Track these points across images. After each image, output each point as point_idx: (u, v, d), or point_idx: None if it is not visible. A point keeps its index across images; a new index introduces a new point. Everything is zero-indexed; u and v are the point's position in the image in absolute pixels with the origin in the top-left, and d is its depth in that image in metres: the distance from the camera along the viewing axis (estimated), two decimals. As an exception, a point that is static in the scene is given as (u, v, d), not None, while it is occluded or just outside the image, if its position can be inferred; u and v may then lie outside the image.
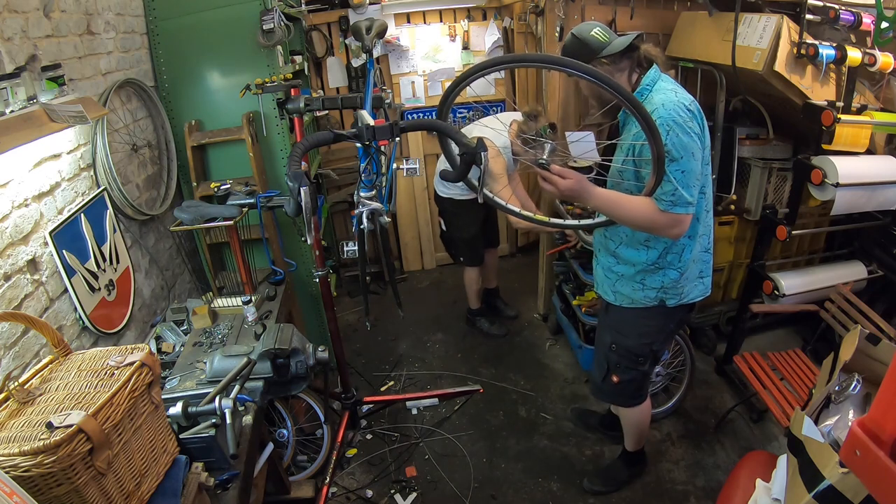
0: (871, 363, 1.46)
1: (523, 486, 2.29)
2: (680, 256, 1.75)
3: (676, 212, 1.55)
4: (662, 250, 1.74)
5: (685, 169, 1.53)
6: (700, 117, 1.61)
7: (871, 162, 2.17)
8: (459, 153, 1.52)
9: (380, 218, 1.82)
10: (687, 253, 1.75)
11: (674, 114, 1.54)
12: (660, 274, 1.78)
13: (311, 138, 1.56)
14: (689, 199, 1.55)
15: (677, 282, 1.78)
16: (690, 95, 1.64)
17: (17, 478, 0.89)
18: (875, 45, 2.07)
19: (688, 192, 1.54)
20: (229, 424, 1.39)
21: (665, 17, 2.78)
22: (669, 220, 1.57)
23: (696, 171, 1.56)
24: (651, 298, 1.82)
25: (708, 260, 1.84)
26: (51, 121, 1.47)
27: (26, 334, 1.41)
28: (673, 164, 1.52)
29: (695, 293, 1.83)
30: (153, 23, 2.28)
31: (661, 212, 1.56)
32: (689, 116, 1.56)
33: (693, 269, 1.79)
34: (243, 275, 2.17)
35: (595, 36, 1.62)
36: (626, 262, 1.81)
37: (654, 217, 1.57)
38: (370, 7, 3.41)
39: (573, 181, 1.56)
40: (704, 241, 1.79)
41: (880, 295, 2.44)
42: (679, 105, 1.56)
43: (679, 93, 1.62)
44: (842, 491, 1.02)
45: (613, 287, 1.88)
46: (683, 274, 1.77)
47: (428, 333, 3.36)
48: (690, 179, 1.54)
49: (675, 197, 1.54)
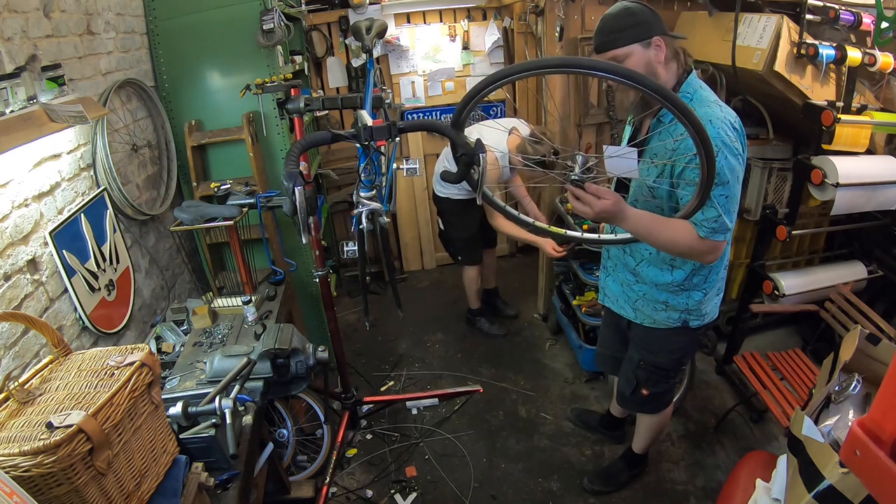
0: (871, 363, 1.46)
1: (523, 486, 2.29)
2: (707, 278, 1.68)
3: (717, 239, 1.45)
4: (690, 272, 1.65)
5: (729, 194, 1.42)
6: (743, 136, 1.48)
7: (871, 162, 2.17)
8: (459, 154, 1.52)
9: (379, 218, 1.82)
10: (714, 274, 1.68)
11: (722, 133, 1.41)
12: (684, 295, 1.69)
13: (308, 138, 1.56)
14: (730, 226, 1.46)
15: (701, 303, 1.70)
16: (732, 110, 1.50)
17: (17, 478, 0.89)
18: (875, 45, 2.07)
19: (729, 219, 1.44)
20: (229, 424, 1.39)
21: (665, 17, 2.75)
22: (708, 247, 1.47)
23: (738, 196, 1.46)
24: (675, 320, 1.74)
25: (724, 277, 1.77)
26: (51, 121, 1.47)
27: (26, 334, 1.41)
28: (718, 188, 1.40)
29: (714, 312, 1.77)
30: (153, 23, 2.28)
31: (701, 238, 1.45)
32: (735, 136, 1.44)
33: (718, 289, 1.74)
34: (243, 275, 2.17)
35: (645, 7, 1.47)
36: (647, 281, 1.72)
37: (693, 244, 1.46)
38: (370, 7, 3.41)
39: (611, 202, 1.37)
40: (726, 260, 1.71)
41: (880, 295, 2.44)
42: (726, 122, 1.43)
43: (723, 108, 1.49)
44: (842, 491, 1.02)
45: (634, 305, 1.81)
46: (707, 294, 1.70)
47: (428, 333, 3.36)
48: (733, 205, 1.44)
49: (718, 224, 1.43)
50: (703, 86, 1.54)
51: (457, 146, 1.55)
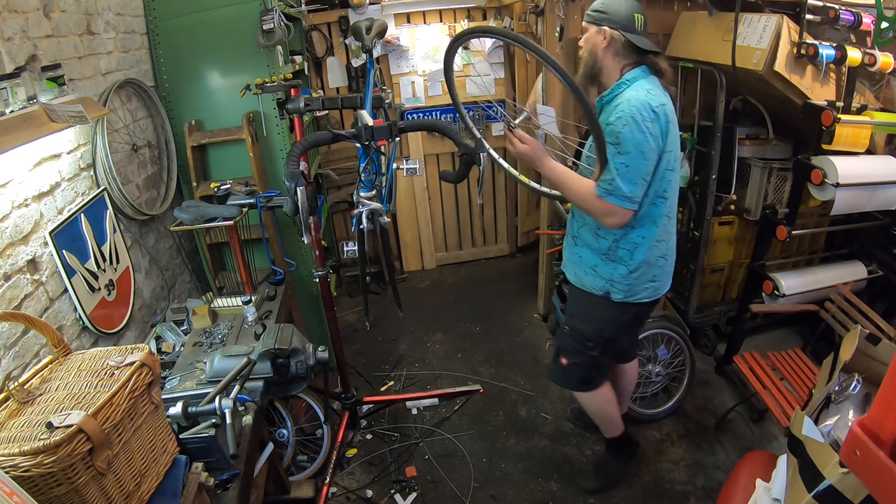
0: (871, 363, 1.46)
1: (523, 486, 2.29)
2: (631, 254, 1.78)
3: (610, 201, 1.62)
4: (612, 242, 1.79)
5: (630, 164, 1.60)
6: (665, 122, 1.63)
7: (871, 162, 2.17)
8: (459, 154, 1.52)
9: (380, 218, 1.83)
10: (639, 253, 1.78)
11: (635, 110, 1.59)
12: (610, 266, 1.82)
13: (309, 138, 1.57)
14: (627, 194, 1.61)
15: (625, 278, 1.81)
16: (668, 101, 1.67)
17: (17, 478, 0.89)
18: (875, 45, 2.07)
19: (626, 186, 1.60)
20: (229, 424, 1.39)
21: (665, 17, 2.78)
22: (604, 207, 1.64)
23: (643, 171, 1.62)
24: (598, 287, 1.86)
25: (664, 266, 1.85)
26: (51, 121, 1.47)
27: (26, 334, 1.41)
28: (620, 157, 1.60)
29: (643, 294, 1.85)
30: (153, 23, 2.28)
31: (597, 197, 1.64)
32: (651, 117, 1.60)
33: (646, 271, 1.81)
34: (243, 275, 2.17)
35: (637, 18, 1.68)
36: (584, 244, 1.88)
37: (591, 201, 1.67)
38: (370, 7, 3.41)
39: (530, 148, 1.72)
40: (662, 247, 1.81)
41: (880, 295, 2.44)
42: (644, 104, 1.60)
43: (653, 93, 1.64)
44: (842, 491, 1.02)
45: (573, 266, 1.94)
46: (633, 272, 1.80)
47: (428, 333, 3.36)
48: (633, 175, 1.60)
49: (612, 187, 1.61)
50: (647, 78, 1.70)
51: (458, 145, 1.55)
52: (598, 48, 1.72)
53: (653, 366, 2.53)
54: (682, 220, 2.90)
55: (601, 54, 1.73)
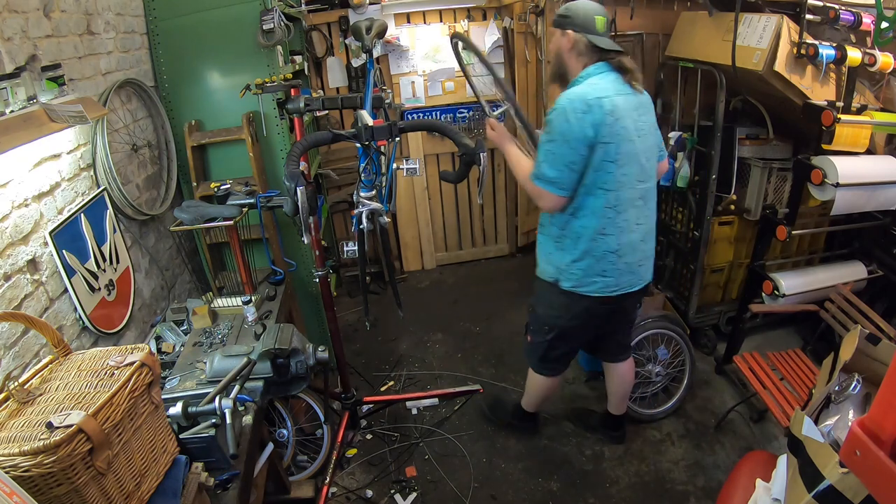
0: (871, 363, 1.46)
1: (523, 486, 2.28)
2: (575, 244, 1.86)
3: (537, 184, 1.77)
4: (559, 230, 1.89)
5: (555, 151, 1.72)
6: (601, 114, 1.69)
7: (871, 162, 2.17)
8: (459, 154, 1.52)
9: (380, 218, 1.83)
10: (581, 243, 1.84)
11: (568, 102, 1.71)
12: (559, 254, 1.91)
13: (309, 138, 1.57)
14: (550, 178, 1.73)
15: (569, 266, 1.89)
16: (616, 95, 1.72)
17: (17, 478, 0.89)
18: (875, 45, 2.07)
19: (549, 171, 1.73)
20: (229, 424, 1.39)
21: (665, 17, 2.78)
22: (534, 190, 1.79)
23: (566, 158, 1.72)
24: (549, 274, 1.97)
25: (616, 263, 1.86)
26: (51, 121, 1.47)
27: (26, 334, 1.41)
28: (547, 144, 1.73)
29: (591, 288, 1.89)
30: (153, 23, 2.28)
31: (528, 178, 1.80)
32: (582, 108, 1.69)
33: (592, 264, 1.86)
34: (243, 275, 2.17)
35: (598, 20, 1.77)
36: (543, 231, 1.99)
37: (526, 183, 1.82)
38: (370, 7, 3.41)
39: (497, 134, 1.98)
40: (611, 241, 1.83)
41: (880, 295, 2.44)
42: (579, 97, 1.70)
43: (598, 88, 1.72)
44: (842, 491, 1.02)
45: (537, 253, 2.06)
46: (577, 262, 1.87)
47: (428, 333, 3.36)
48: (556, 161, 1.72)
49: (539, 171, 1.75)
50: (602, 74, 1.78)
51: (458, 145, 1.56)
52: (563, 50, 1.82)
53: (653, 366, 2.53)
54: (682, 220, 2.90)
55: (566, 56, 1.83)
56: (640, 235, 1.88)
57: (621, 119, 1.73)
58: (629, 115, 1.76)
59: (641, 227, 1.88)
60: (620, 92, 1.75)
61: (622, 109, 1.73)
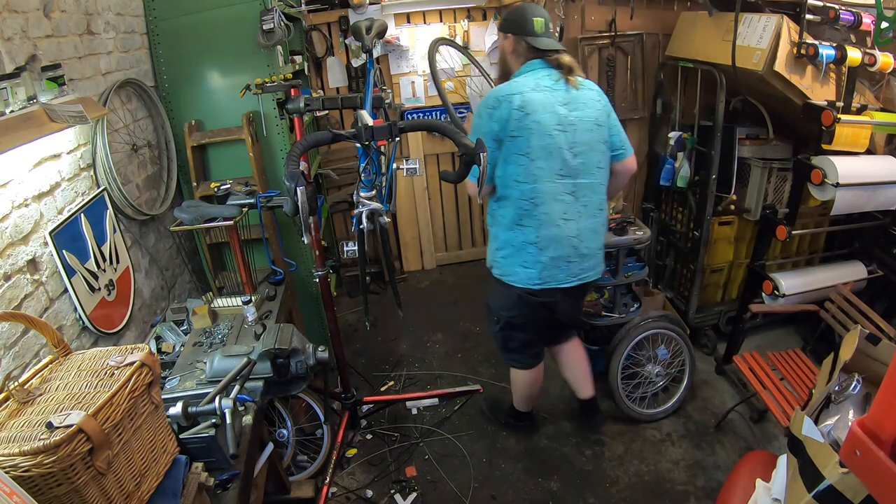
0: (871, 363, 1.46)
1: (523, 486, 2.28)
2: (498, 232, 1.99)
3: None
4: (491, 217, 2.01)
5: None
6: (508, 109, 1.80)
7: (871, 162, 2.17)
8: (459, 154, 1.52)
9: (380, 218, 1.82)
10: (503, 232, 1.97)
11: (484, 99, 1.88)
12: (490, 241, 2.06)
13: (309, 138, 1.56)
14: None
15: (495, 254, 2.03)
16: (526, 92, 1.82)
17: (17, 478, 0.89)
18: (875, 45, 2.07)
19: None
20: (229, 424, 1.39)
21: (665, 17, 2.78)
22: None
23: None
24: (490, 262, 2.08)
25: (537, 256, 1.92)
26: (51, 121, 1.47)
27: (26, 334, 1.41)
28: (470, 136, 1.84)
29: (515, 278, 1.98)
30: (153, 23, 2.28)
31: None
32: (493, 104, 1.83)
33: (512, 253, 1.96)
34: (243, 275, 2.17)
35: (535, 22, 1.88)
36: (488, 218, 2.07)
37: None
38: (370, 7, 3.41)
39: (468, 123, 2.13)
40: (530, 234, 1.90)
41: (880, 295, 2.43)
42: (493, 94, 1.86)
43: (516, 85, 1.85)
44: (842, 491, 1.02)
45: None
46: (499, 250, 2.00)
47: (428, 333, 3.36)
48: None
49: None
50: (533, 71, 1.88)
51: (458, 145, 1.55)
52: (507, 52, 1.97)
53: (653, 366, 2.53)
54: (682, 220, 2.90)
55: (509, 57, 1.96)
56: (570, 231, 1.90)
57: (534, 114, 1.79)
58: (549, 110, 1.81)
59: (571, 223, 1.89)
60: (542, 88, 1.83)
61: (537, 104, 1.79)
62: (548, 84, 1.84)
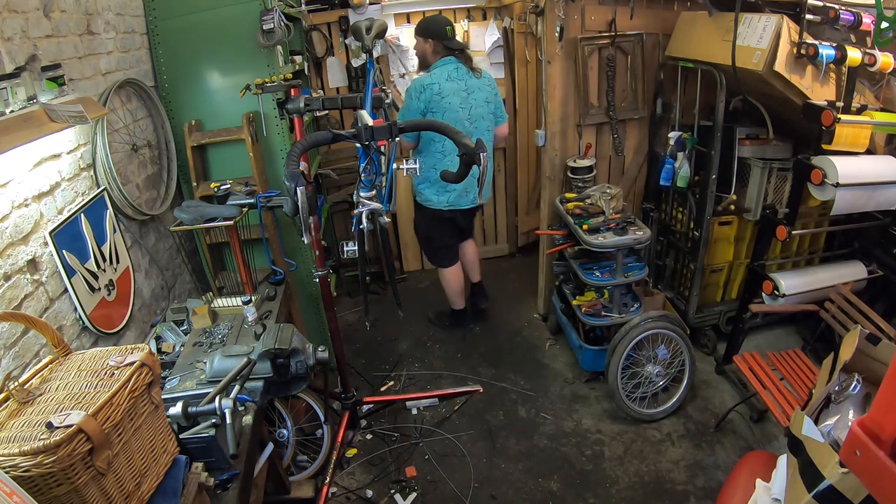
0: (871, 363, 1.46)
1: (523, 486, 2.29)
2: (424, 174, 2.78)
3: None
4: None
5: (403, 115, 2.73)
6: (430, 94, 2.64)
7: (871, 162, 2.17)
8: (459, 154, 1.52)
9: (380, 218, 1.83)
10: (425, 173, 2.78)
11: (412, 85, 2.70)
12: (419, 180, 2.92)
13: (309, 138, 1.57)
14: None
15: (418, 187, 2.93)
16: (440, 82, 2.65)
17: (17, 478, 0.89)
18: (875, 45, 2.07)
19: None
20: (229, 424, 1.39)
21: (665, 17, 2.78)
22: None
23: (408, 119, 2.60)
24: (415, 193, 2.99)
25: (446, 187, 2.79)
26: (51, 121, 1.47)
27: (26, 334, 1.41)
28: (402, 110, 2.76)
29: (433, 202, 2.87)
30: (153, 23, 2.28)
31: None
32: (418, 90, 2.66)
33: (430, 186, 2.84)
34: (243, 275, 2.17)
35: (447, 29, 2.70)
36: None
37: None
38: (370, 7, 3.41)
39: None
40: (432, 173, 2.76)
41: (880, 295, 2.43)
42: (419, 82, 2.68)
43: (434, 76, 2.68)
44: (842, 491, 1.02)
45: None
46: (421, 185, 2.89)
47: (428, 333, 3.36)
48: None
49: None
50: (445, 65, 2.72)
51: (458, 145, 1.55)
52: (427, 52, 2.76)
53: (653, 366, 2.53)
54: (682, 220, 2.90)
55: (429, 55, 2.76)
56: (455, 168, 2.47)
57: (447, 97, 2.65)
58: (456, 94, 2.67)
59: None
60: (452, 78, 2.67)
61: (448, 90, 2.65)
62: (456, 75, 2.69)
